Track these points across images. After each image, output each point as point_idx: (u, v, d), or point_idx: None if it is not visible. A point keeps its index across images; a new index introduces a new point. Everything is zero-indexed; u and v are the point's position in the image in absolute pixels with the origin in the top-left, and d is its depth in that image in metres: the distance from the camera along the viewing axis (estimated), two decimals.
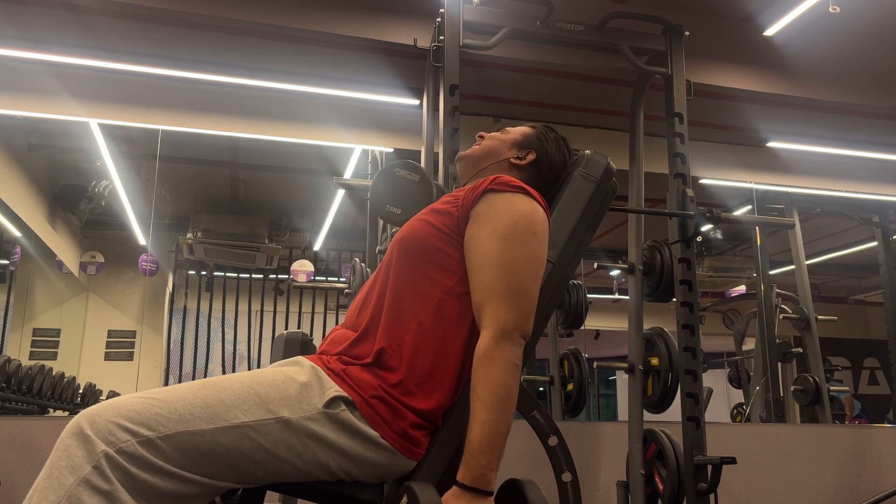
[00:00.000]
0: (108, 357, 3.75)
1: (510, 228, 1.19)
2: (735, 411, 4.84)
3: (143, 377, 3.57)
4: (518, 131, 1.49)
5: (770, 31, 3.43)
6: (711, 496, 2.41)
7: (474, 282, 1.19)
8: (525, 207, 1.22)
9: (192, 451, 0.99)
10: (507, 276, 1.16)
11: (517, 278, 1.16)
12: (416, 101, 3.47)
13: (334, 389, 1.10)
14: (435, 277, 1.21)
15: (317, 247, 4.39)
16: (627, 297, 2.89)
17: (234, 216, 4.27)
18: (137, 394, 1.02)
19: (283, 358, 1.42)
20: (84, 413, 0.98)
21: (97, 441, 0.94)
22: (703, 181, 4.05)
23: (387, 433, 1.10)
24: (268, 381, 1.08)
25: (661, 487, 2.55)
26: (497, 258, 1.17)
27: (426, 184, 1.87)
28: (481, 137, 1.50)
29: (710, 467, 2.41)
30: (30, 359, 3.54)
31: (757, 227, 4.36)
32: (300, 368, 1.13)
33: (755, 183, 4.21)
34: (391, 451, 1.11)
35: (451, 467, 1.16)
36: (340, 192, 4.05)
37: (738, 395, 4.95)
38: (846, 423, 4.96)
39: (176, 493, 0.99)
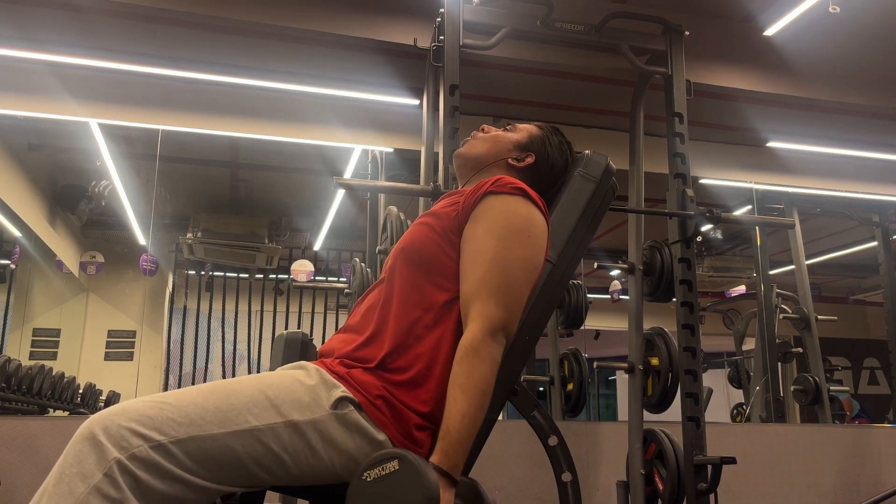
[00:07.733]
0: (108, 357, 3.75)
1: (505, 229, 1.20)
2: (735, 411, 4.84)
3: (143, 377, 3.57)
4: (524, 131, 1.48)
5: (770, 31, 3.43)
6: (711, 496, 2.41)
7: (465, 276, 1.19)
8: (522, 210, 1.23)
9: (203, 456, 0.99)
10: (499, 274, 1.17)
11: (508, 278, 1.17)
12: (416, 101, 3.47)
13: (340, 391, 1.09)
14: (440, 283, 1.21)
15: (317, 247, 4.39)
16: (626, 298, 2.89)
17: (234, 216, 4.27)
18: (147, 398, 1.01)
19: (283, 358, 1.41)
20: (95, 418, 0.97)
21: (109, 447, 0.93)
22: (703, 181, 4.04)
23: (393, 434, 1.10)
24: (276, 384, 1.08)
25: (661, 487, 2.55)
26: (490, 256, 1.18)
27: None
28: (482, 131, 1.48)
29: (710, 467, 2.41)
30: (30, 359, 3.54)
31: (757, 227, 4.36)
32: (306, 372, 1.13)
33: (755, 183, 4.21)
34: None
35: None
36: (340, 192, 4.05)
37: (738, 395, 4.95)
38: (846, 423, 4.96)
39: (181, 499, 0.98)
